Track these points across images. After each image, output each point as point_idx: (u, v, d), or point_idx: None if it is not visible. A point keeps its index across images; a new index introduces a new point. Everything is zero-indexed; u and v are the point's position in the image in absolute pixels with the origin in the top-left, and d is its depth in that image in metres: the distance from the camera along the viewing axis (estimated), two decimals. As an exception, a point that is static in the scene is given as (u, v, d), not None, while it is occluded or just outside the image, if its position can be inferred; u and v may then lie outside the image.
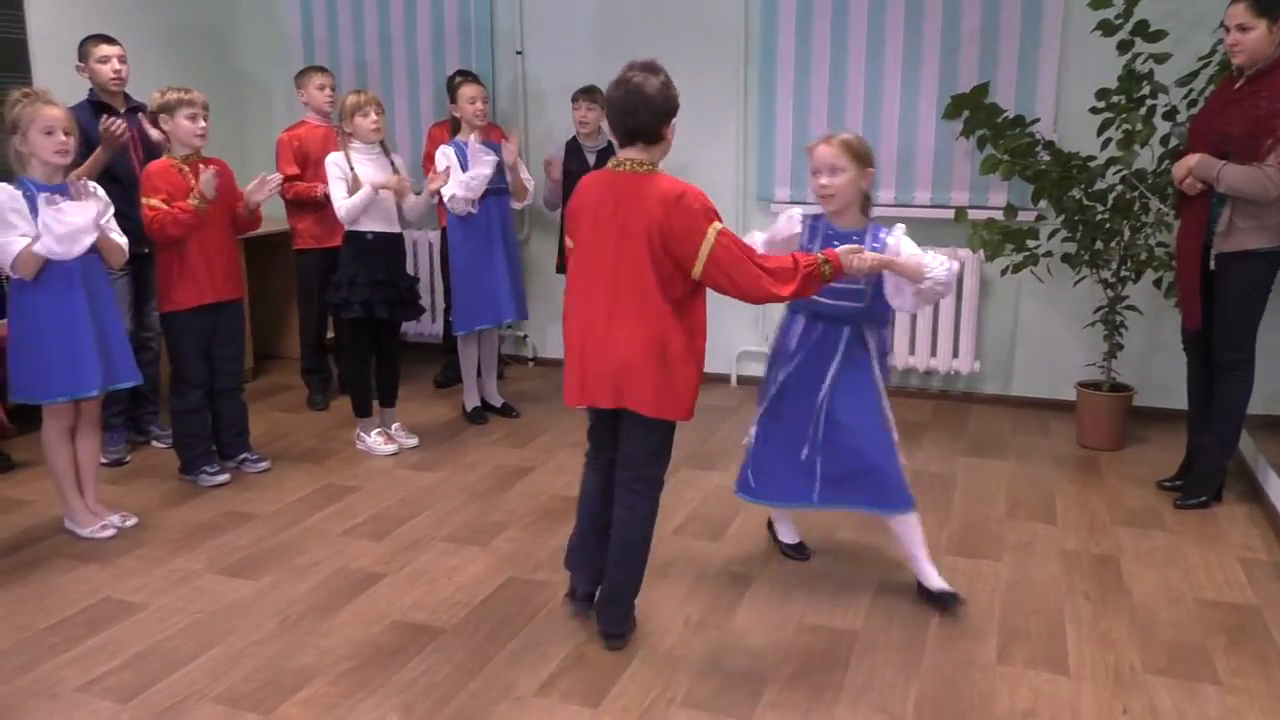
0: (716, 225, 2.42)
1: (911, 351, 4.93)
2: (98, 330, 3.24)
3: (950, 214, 4.55)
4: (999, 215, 4.31)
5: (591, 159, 4.69)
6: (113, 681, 2.52)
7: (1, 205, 3.07)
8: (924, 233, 4.80)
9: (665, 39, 5.07)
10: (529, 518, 3.56)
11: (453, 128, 4.65)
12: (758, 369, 4.39)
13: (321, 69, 4.83)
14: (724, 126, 5.06)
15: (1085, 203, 4.14)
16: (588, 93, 4.68)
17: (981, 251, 4.25)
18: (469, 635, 2.75)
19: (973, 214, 4.39)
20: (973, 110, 4.27)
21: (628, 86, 2.45)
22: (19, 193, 3.11)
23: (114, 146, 3.81)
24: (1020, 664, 2.59)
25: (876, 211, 2.92)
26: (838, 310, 2.82)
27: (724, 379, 5.27)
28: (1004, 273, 4.41)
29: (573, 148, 4.73)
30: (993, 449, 4.29)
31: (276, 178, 3.89)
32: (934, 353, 4.89)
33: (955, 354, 4.86)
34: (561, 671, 2.56)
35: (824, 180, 2.76)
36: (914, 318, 4.86)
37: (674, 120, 2.52)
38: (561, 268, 4.81)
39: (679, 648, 2.68)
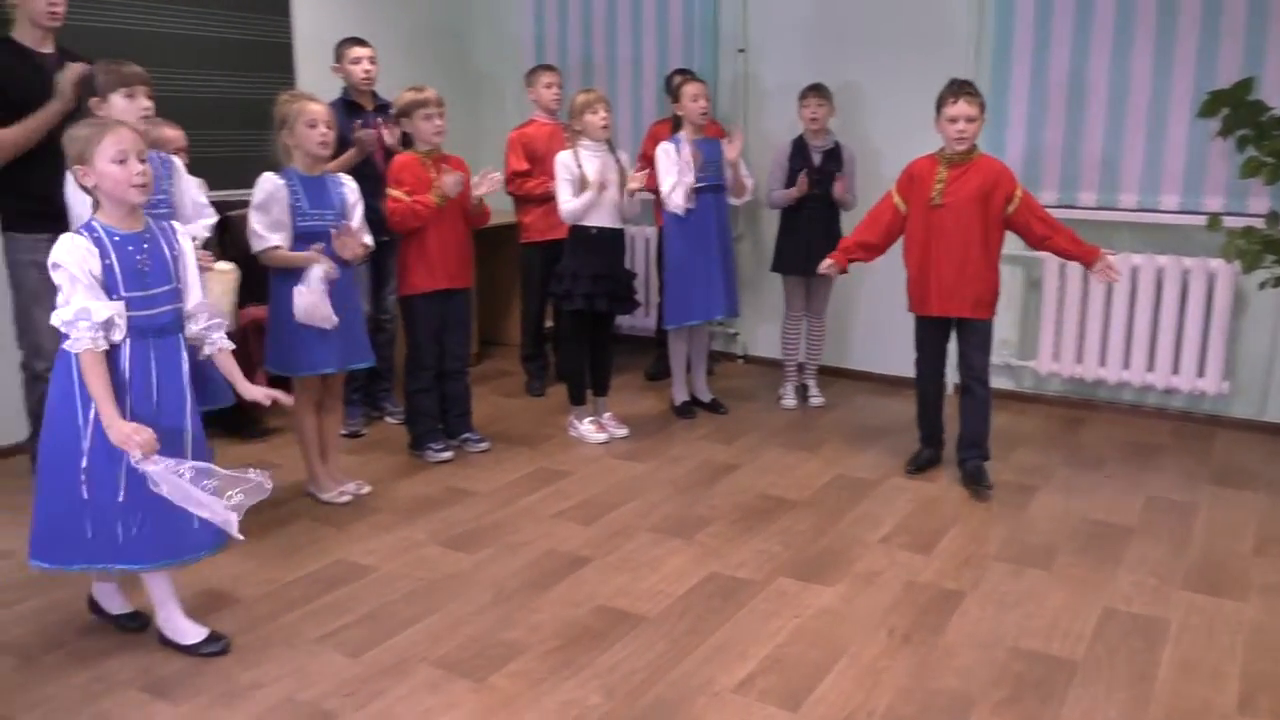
0: None
1: (1150, 368, 4.58)
2: (352, 314, 3.52)
3: (1202, 220, 4.19)
4: (1259, 223, 3.93)
5: (818, 158, 4.62)
6: (344, 636, 2.72)
7: (267, 194, 3.38)
8: (1171, 239, 4.47)
9: (890, 34, 4.94)
10: (733, 514, 3.57)
11: (673, 125, 4.71)
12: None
13: (549, 68, 5.01)
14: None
15: (1365, 211, 3.71)
16: (815, 90, 4.60)
17: (1237, 262, 3.90)
18: (670, 626, 2.79)
19: (1228, 221, 4.02)
20: (1233, 108, 3.90)
21: None
22: (283, 182, 3.40)
23: (366, 152, 4.11)
24: (1266, 715, 2.36)
25: (1116, 216, 2.72)
26: None
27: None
28: (1262, 286, 4.02)
29: (799, 146, 4.68)
30: (1241, 478, 3.93)
31: (497, 176, 4.04)
32: (1176, 370, 4.53)
33: (1200, 373, 4.48)
34: (761, 671, 2.55)
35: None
36: (1155, 332, 4.51)
37: None
38: (777, 267, 4.78)
39: (882, 659, 2.61)
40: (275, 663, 2.59)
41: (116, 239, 2.42)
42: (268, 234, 3.37)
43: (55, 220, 2.95)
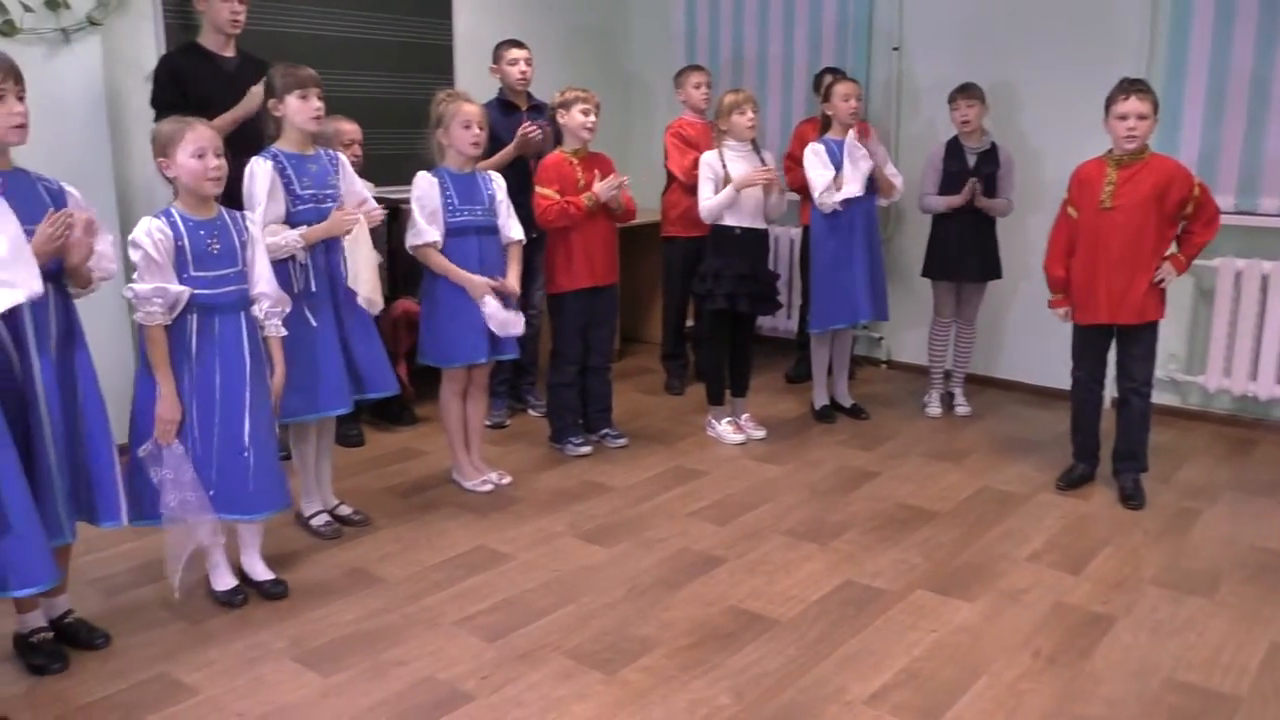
0: None
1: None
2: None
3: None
4: None
5: (973, 160, 4.47)
6: (482, 621, 2.80)
7: (422, 191, 3.51)
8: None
9: (1055, 33, 4.74)
10: (871, 522, 3.50)
11: (822, 125, 4.64)
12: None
13: (698, 68, 5.01)
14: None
15: None
16: (965, 91, 4.44)
17: None
18: (802, 631, 2.76)
19: None
20: None
21: None
22: (436, 180, 3.52)
23: (527, 149, 4.20)
24: None
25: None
26: None
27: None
28: None
29: (953, 147, 4.54)
30: None
31: (619, 182, 4.02)
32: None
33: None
34: (895, 684, 2.50)
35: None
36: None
37: None
38: (927, 271, 4.65)
39: (1024, 681, 2.51)
40: (417, 641, 2.69)
41: (190, 224, 2.68)
42: (424, 229, 3.50)
43: (233, 207, 3.14)
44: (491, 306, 3.52)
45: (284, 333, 2.91)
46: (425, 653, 2.63)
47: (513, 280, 3.64)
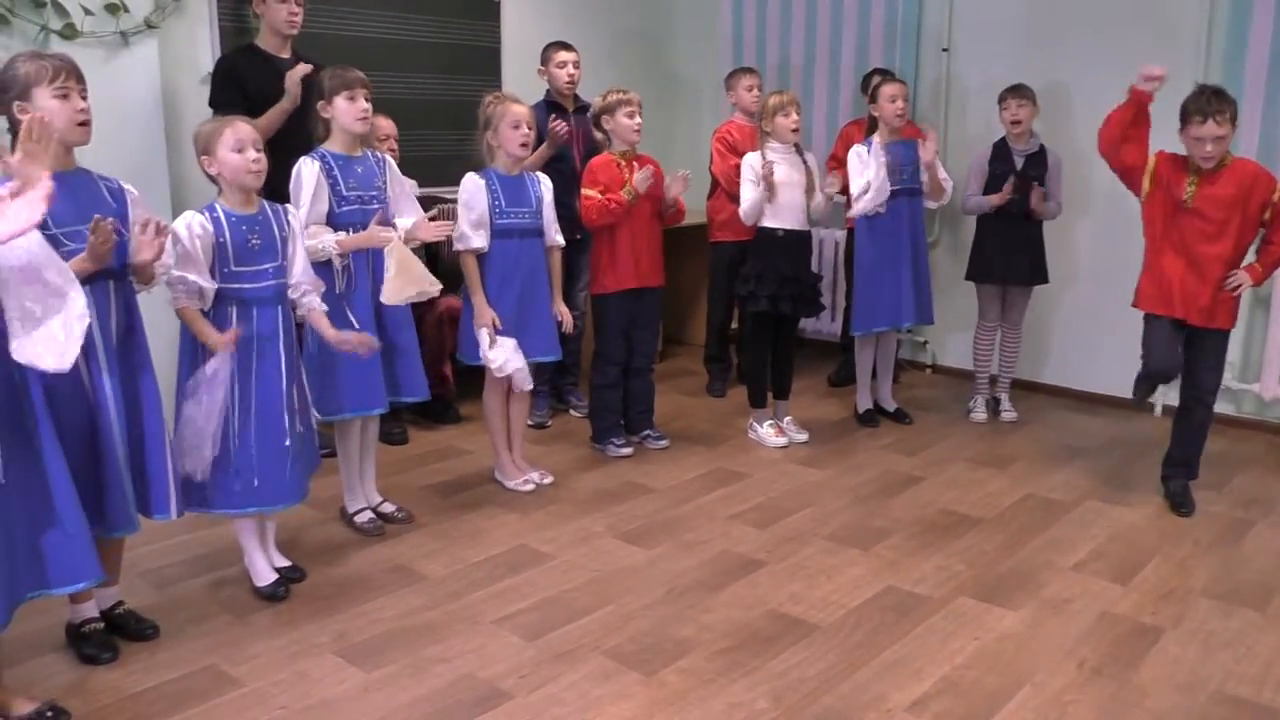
0: None
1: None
2: (534, 308, 3.65)
3: None
4: None
5: (1020, 162, 4.42)
6: (523, 620, 2.82)
7: (469, 193, 3.54)
8: None
9: (1107, 32, 4.67)
10: (914, 528, 3.47)
11: (869, 127, 4.61)
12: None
13: (750, 70, 5.00)
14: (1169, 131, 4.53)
15: None
16: (1016, 91, 4.39)
17: None
18: (843, 637, 2.74)
19: None
20: None
21: None
22: (483, 182, 3.55)
23: (556, 144, 4.22)
24: None
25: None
26: None
27: (1149, 407, 4.75)
28: None
29: (1000, 149, 4.49)
30: None
31: (688, 175, 4.06)
32: None
33: None
34: (936, 693, 2.47)
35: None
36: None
37: None
38: (972, 274, 4.60)
39: (1068, 692, 2.48)
40: (459, 639, 2.71)
41: (233, 219, 2.75)
42: (469, 234, 3.54)
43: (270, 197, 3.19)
44: (485, 343, 3.53)
45: (324, 307, 3.00)
46: (466, 650, 2.66)
47: (559, 304, 3.72)
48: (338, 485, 3.45)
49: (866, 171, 4.26)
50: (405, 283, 3.18)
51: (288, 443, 2.83)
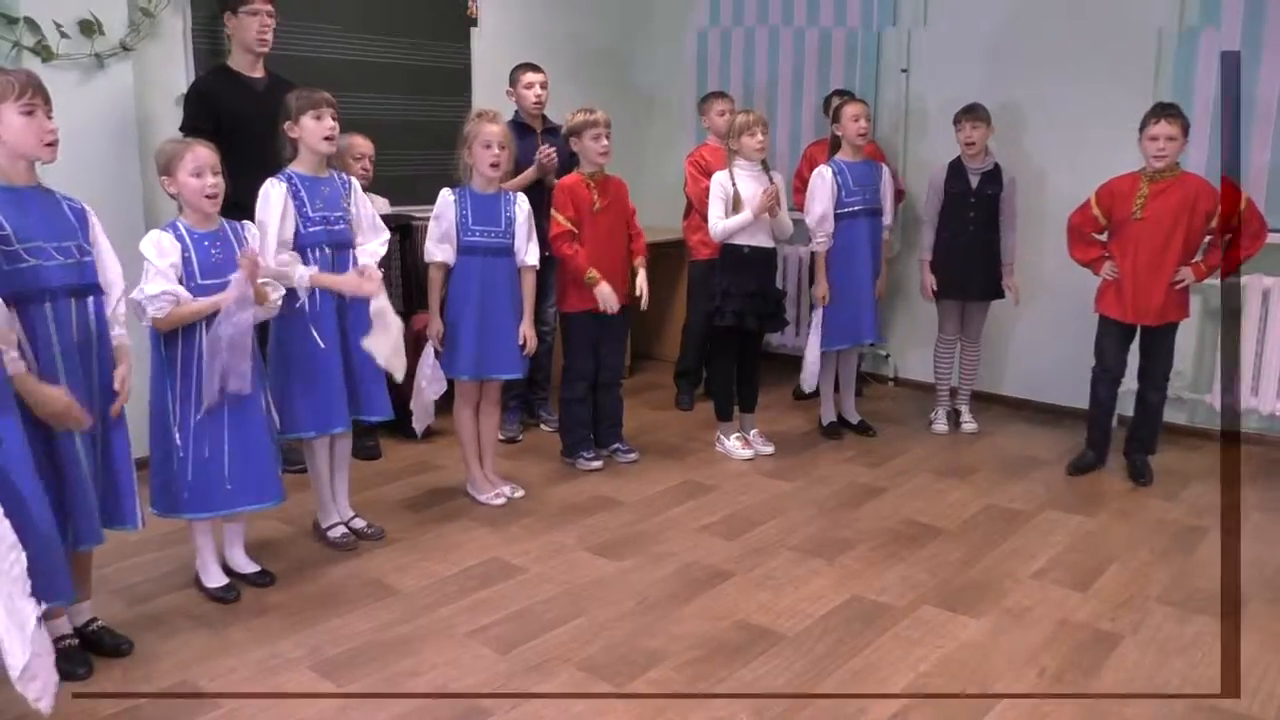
0: None
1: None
2: (494, 325, 3.68)
3: None
4: None
5: (975, 181, 4.53)
6: (495, 632, 2.86)
7: (439, 208, 3.61)
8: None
9: (1062, 57, 4.80)
10: (878, 539, 3.54)
11: (831, 147, 4.70)
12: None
13: (723, 95, 5.08)
14: (1127, 150, 4.66)
15: None
16: (970, 112, 4.49)
17: None
18: (809, 646, 2.80)
19: None
20: None
21: None
22: (453, 199, 3.61)
23: (546, 171, 4.29)
24: None
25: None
26: None
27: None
28: None
29: (955, 169, 4.60)
30: None
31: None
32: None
33: None
34: (908, 707, 2.54)
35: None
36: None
37: None
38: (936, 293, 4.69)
39: (1046, 704, 2.54)
40: (432, 652, 2.75)
41: (195, 236, 2.86)
42: (434, 247, 3.63)
43: (242, 216, 3.21)
44: (428, 354, 3.63)
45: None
46: (439, 663, 2.69)
47: (526, 325, 3.74)
48: (311, 500, 3.48)
49: (818, 205, 4.37)
50: (384, 343, 3.23)
51: (265, 444, 2.94)
